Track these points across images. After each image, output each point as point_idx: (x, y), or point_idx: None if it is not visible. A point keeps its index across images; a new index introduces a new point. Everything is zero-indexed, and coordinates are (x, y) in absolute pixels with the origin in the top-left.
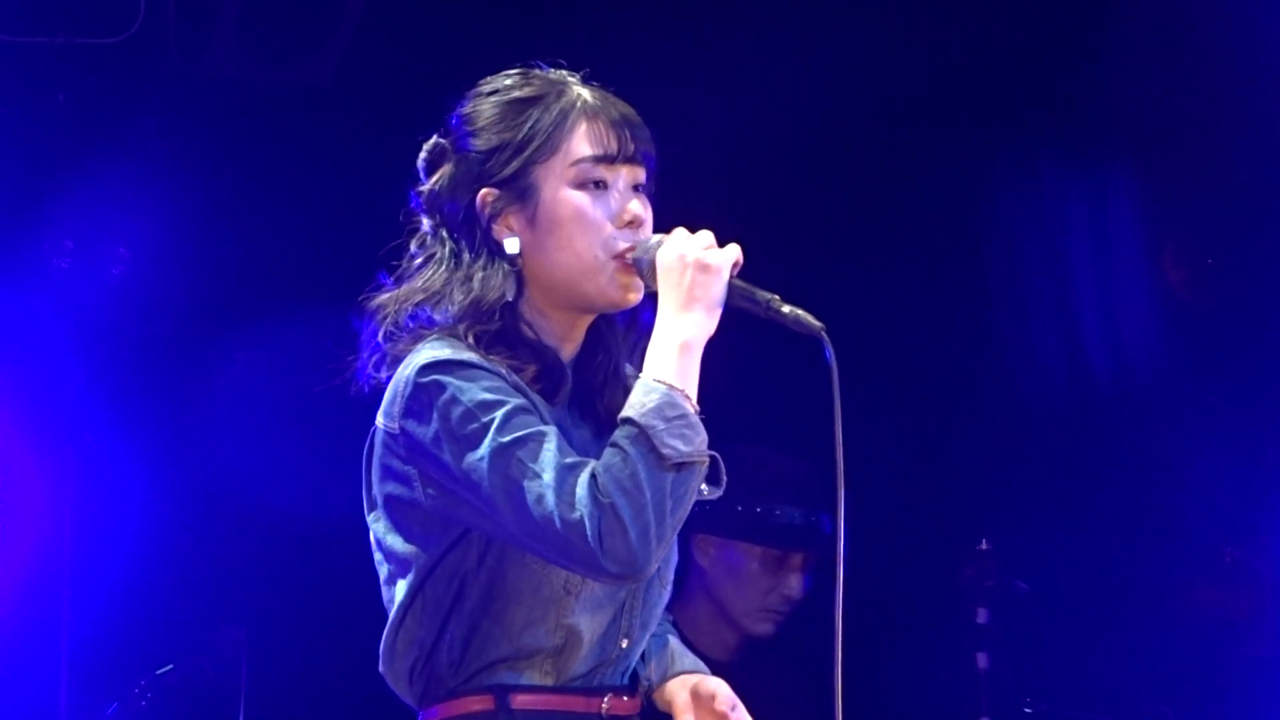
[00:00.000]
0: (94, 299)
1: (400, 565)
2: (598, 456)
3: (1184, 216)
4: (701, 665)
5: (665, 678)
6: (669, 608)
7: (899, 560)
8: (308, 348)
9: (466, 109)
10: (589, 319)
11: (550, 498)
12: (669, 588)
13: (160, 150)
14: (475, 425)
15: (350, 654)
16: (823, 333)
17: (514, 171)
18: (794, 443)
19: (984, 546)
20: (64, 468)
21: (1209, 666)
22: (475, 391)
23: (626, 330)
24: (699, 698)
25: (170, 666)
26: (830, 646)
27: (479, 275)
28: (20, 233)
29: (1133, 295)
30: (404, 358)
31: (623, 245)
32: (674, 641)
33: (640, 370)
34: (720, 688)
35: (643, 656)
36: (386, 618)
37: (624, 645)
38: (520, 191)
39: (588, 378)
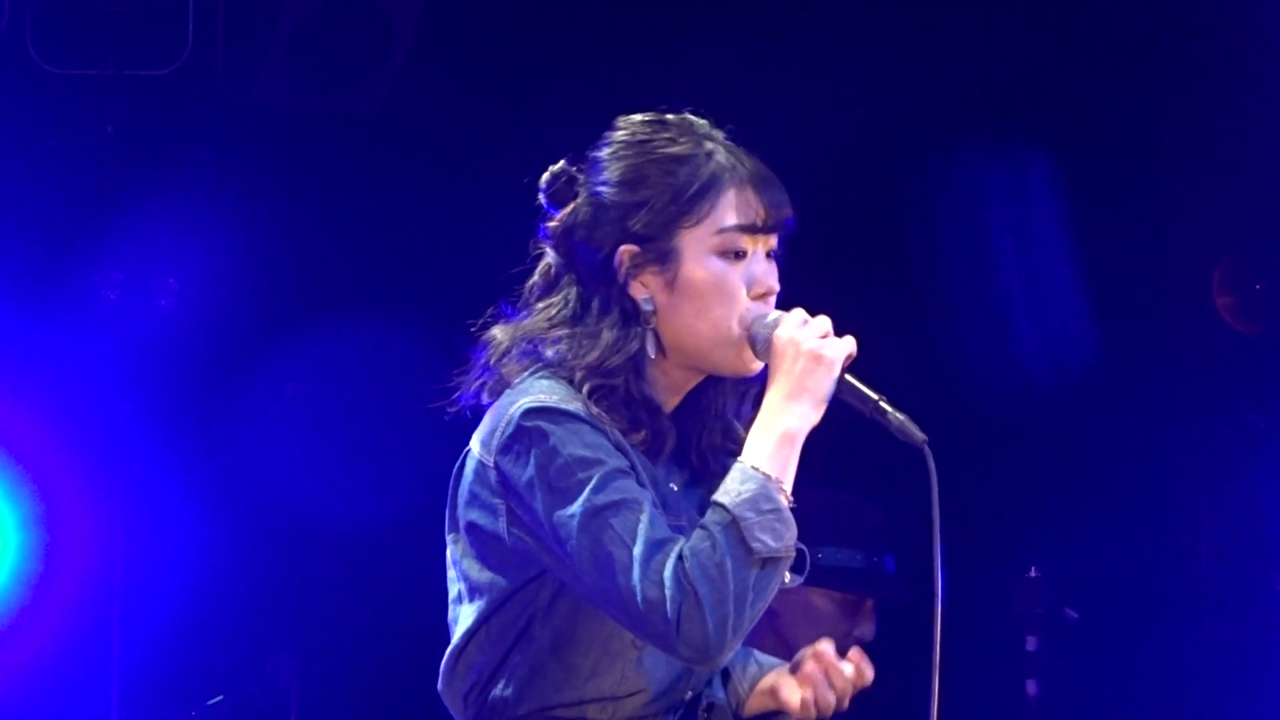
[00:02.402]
0: (143, 330)
1: (471, 590)
2: (686, 511)
3: (1235, 239)
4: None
5: (757, 681)
6: None
7: (948, 587)
8: (357, 377)
9: (607, 154)
10: (702, 377)
11: (636, 571)
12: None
13: (209, 181)
14: (571, 481)
15: (401, 683)
16: (925, 445)
17: (658, 233)
18: (858, 483)
19: (1033, 574)
20: (113, 498)
21: (1259, 696)
22: (576, 446)
23: (735, 381)
24: (819, 656)
25: (220, 697)
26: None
27: (608, 333)
28: (70, 264)
29: (1187, 325)
30: (510, 384)
31: (754, 318)
32: (754, 652)
33: (750, 417)
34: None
35: (723, 680)
36: (440, 646)
37: (687, 696)
38: (662, 254)
39: (686, 429)
